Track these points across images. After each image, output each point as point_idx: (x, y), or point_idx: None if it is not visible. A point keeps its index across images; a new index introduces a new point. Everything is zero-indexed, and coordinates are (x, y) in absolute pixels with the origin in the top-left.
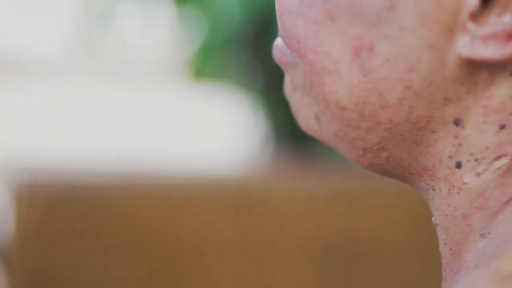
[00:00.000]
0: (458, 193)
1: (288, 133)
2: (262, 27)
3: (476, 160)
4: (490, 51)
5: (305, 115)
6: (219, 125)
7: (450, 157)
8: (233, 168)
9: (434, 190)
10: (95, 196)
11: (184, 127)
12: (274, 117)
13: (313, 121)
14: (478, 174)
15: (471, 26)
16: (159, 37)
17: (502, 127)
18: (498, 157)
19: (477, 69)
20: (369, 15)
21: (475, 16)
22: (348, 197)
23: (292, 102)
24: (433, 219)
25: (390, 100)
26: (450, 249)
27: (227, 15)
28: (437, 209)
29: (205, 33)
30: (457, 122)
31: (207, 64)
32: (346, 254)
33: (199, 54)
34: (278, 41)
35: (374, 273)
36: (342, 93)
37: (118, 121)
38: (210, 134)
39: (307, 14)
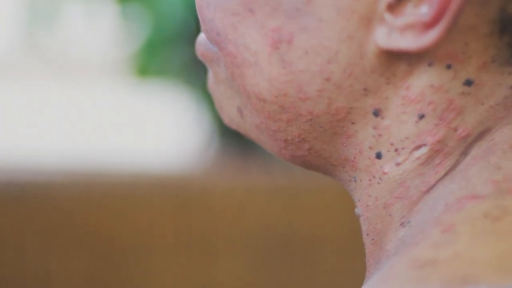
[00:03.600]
0: (378, 183)
1: (232, 130)
2: None
3: (396, 150)
4: (407, 42)
5: (228, 109)
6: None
7: (370, 147)
8: (175, 165)
9: (355, 181)
10: (38, 193)
11: (128, 124)
12: (218, 113)
13: (236, 114)
14: (398, 164)
15: (388, 17)
16: (103, 35)
17: (421, 117)
18: (418, 147)
19: (395, 60)
20: (288, 7)
21: (392, 7)
22: (288, 193)
23: (215, 96)
24: (356, 210)
25: (309, 92)
26: (372, 239)
27: (170, 12)
28: (359, 200)
29: (148, 30)
30: (376, 113)
31: (151, 61)
32: (287, 249)
33: (143, 52)
34: (201, 36)
35: (314, 267)
36: (262, 86)
37: (61, 118)
38: (154, 131)
39: (226, 6)
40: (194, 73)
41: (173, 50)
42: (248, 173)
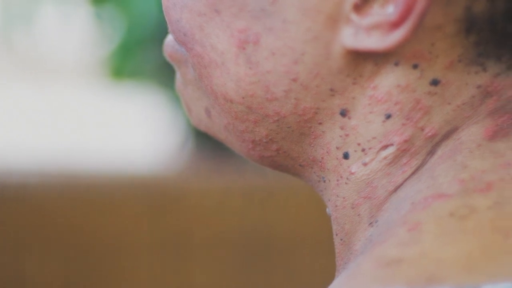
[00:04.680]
0: (346, 183)
1: None
2: None
3: (363, 150)
4: (373, 42)
5: (196, 110)
6: (138, 123)
7: (337, 148)
8: (150, 166)
9: (324, 181)
10: (13, 195)
11: (103, 125)
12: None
13: (204, 115)
14: (365, 164)
15: (354, 17)
16: (78, 37)
17: (388, 116)
18: (385, 147)
19: (362, 60)
20: (253, 8)
21: (359, 7)
22: (264, 193)
23: (183, 97)
24: (327, 210)
25: (276, 93)
26: (341, 239)
27: (144, 14)
28: (329, 200)
29: (122, 32)
30: (343, 113)
31: (125, 63)
32: (263, 249)
33: (117, 53)
34: (169, 37)
35: (291, 267)
36: (229, 86)
37: (37, 120)
38: (129, 133)
39: (192, 6)
40: (169, 75)
41: (148, 51)
42: (223, 173)
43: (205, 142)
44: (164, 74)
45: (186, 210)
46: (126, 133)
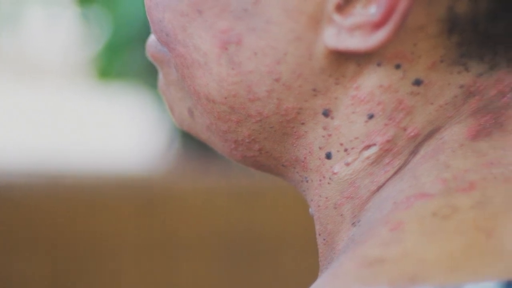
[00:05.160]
0: (329, 183)
1: None
2: None
3: (346, 150)
4: (356, 42)
5: (179, 110)
6: (125, 123)
7: (320, 148)
8: (137, 166)
9: (307, 181)
10: None
11: (90, 126)
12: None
13: (187, 115)
14: (347, 164)
15: (337, 17)
16: (64, 37)
17: (371, 117)
18: (367, 147)
19: (345, 60)
20: (236, 8)
21: (341, 7)
22: (249, 193)
23: (166, 98)
24: (310, 210)
25: (259, 93)
26: (324, 239)
27: (131, 14)
28: (311, 200)
29: (109, 33)
30: (326, 113)
31: (112, 64)
32: (249, 249)
33: (104, 54)
34: (151, 38)
35: (276, 267)
36: (212, 86)
37: (22, 120)
38: (116, 133)
39: (174, 7)
40: (155, 75)
41: (134, 52)
42: (209, 174)
43: (191, 142)
44: (150, 75)
45: (172, 211)
46: (113, 134)
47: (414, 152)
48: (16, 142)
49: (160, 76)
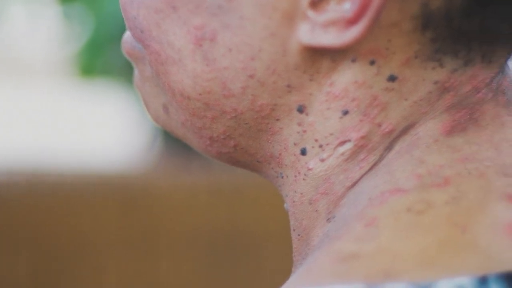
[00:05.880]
0: (304, 179)
1: None
2: None
3: (321, 146)
4: (330, 38)
5: (154, 106)
6: (107, 121)
7: (295, 144)
8: (119, 164)
9: (282, 177)
10: None
11: (72, 124)
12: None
13: (162, 111)
14: (322, 160)
15: (311, 13)
16: (46, 35)
17: (345, 113)
18: (342, 143)
19: (319, 57)
20: (210, 5)
21: (315, 3)
22: (231, 190)
23: (142, 94)
24: (285, 206)
25: (233, 89)
26: (299, 235)
27: (112, 12)
28: (287, 196)
29: (91, 30)
30: (301, 109)
31: (94, 61)
32: (230, 246)
33: (86, 51)
34: (127, 34)
35: (258, 264)
36: (186, 83)
37: (3, 118)
38: (98, 130)
39: (149, 3)
40: None
41: (116, 49)
42: (190, 171)
43: (173, 139)
44: (132, 72)
45: (154, 208)
46: (95, 131)
47: (389, 148)
48: None
49: (136, 72)
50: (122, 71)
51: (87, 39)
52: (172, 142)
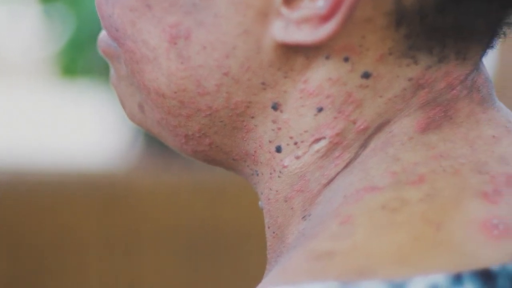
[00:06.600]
0: (279, 177)
1: None
2: None
3: (296, 143)
4: (304, 35)
5: (130, 105)
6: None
7: (270, 141)
8: (100, 163)
9: (257, 175)
10: None
11: (53, 123)
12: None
13: (137, 110)
14: (297, 157)
15: (284, 10)
16: (27, 34)
17: (320, 110)
18: (317, 140)
19: (293, 54)
20: (185, 3)
21: (289, 1)
22: (212, 189)
23: (117, 93)
24: (260, 203)
25: (208, 87)
26: (273, 232)
27: (93, 11)
28: (262, 193)
29: (72, 30)
30: (275, 107)
31: (75, 61)
32: (211, 245)
33: (67, 51)
34: (103, 33)
35: (239, 263)
36: (161, 81)
37: None
38: (79, 129)
39: (124, 2)
40: None
41: (97, 49)
42: (172, 170)
43: (155, 138)
44: None
45: (135, 206)
46: (76, 130)
47: (364, 146)
48: None
49: (112, 71)
50: (103, 70)
51: (68, 38)
52: (154, 141)
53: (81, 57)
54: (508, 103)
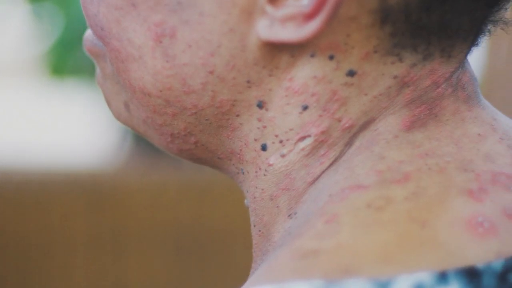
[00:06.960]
0: (264, 175)
1: None
2: None
3: (281, 141)
4: (288, 33)
5: (116, 104)
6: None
7: (255, 139)
8: (87, 162)
9: (243, 173)
10: None
11: (41, 122)
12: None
13: (123, 109)
14: (283, 156)
15: (269, 9)
16: (15, 34)
17: (305, 108)
18: (302, 138)
19: (278, 52)
20: (170, 1)
21: None
22: (199, 188)
23: (103, 91)
24: (245, 201)
25: (193, 86)
26: (259, 231)
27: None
28: (247, 192)
29: (60, 29)
30: (261, 105)
31: (64, 60)
32: (198, 244)
33: (55, 50)
34: (88, 32)
35: (226, 262)
36: (147, 80)
37: None
38: (67, 129)
39: (109, 1)
40: None
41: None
42: (159, 169)
43: (143, 138)
44: None
45: (122, 205)
46: (65, 130)
47: (349, 144)
48: None
49: (98, 70)
50: (92, 70)
51: (57, 38)
52: (142, 140)
53: (69, 57)
54: (496, 103)
